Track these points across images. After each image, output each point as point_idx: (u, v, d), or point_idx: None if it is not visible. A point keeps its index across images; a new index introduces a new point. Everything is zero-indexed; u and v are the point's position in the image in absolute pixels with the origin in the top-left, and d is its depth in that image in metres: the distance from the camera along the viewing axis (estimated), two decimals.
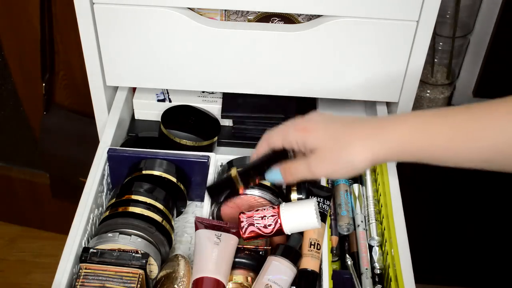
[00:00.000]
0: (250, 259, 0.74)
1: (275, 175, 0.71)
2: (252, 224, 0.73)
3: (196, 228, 0.75)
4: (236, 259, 0.74)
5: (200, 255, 0.72)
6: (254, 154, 0.73)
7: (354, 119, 0.69)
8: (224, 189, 0.76)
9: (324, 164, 0.67)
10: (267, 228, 0.73)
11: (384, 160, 0.69)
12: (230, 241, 0.74)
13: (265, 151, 0.72)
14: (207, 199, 0.79)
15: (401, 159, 0.66)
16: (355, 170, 0.66)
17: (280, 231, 0.73)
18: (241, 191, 0.75)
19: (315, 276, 0.73)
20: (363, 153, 0.65)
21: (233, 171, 0.74)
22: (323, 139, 0.67)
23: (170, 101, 0.95)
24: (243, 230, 0.73)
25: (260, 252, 0.75)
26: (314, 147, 0.67)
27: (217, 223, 0.75)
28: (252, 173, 0.73)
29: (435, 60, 1.17)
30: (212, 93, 0.96)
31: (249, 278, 0.73)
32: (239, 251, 0.75)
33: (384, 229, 0.80)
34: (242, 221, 0.73)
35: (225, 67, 0.86)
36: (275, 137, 0.70)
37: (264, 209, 0.73)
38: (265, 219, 0.73)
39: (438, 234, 1.50)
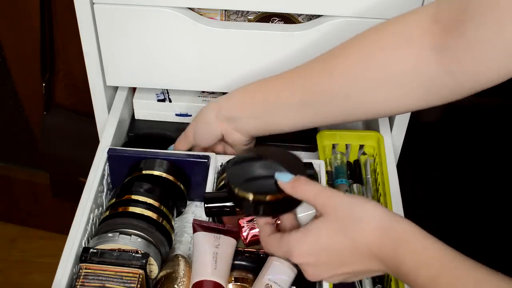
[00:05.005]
0: (251, 261, 0.74)
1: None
2: (254, 228, 0.72)
3: (194, 231, 0.75)
4: (236, 262, 0.74)
5: (199, 258, 0.72)
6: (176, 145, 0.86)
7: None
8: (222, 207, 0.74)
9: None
10: None
11: (230, 114, 0.79)
12: (229, 243, 0.74)
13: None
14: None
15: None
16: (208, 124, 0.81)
17: None
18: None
19: None
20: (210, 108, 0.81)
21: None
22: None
23: (170, 101, 0.95)
24: (245, 235, 0.73)
25: (261, 255, 0.75)
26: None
27: (215, 226, 0.75)
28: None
29: None
30: (212, 93, 0.96)
31: (249, 280, 0.73)
32: (239, 254, 0.74)
33: None
34: (243, 227, 0.73)
35: (225, 67, 0.86)
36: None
37: None
38: None
39: (438, 234, 1.50)
